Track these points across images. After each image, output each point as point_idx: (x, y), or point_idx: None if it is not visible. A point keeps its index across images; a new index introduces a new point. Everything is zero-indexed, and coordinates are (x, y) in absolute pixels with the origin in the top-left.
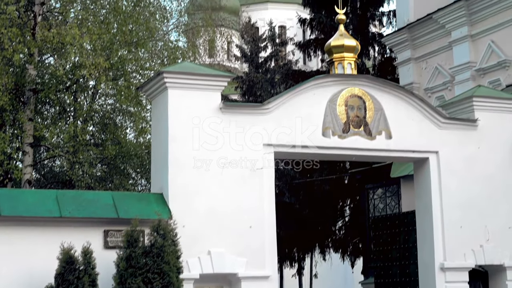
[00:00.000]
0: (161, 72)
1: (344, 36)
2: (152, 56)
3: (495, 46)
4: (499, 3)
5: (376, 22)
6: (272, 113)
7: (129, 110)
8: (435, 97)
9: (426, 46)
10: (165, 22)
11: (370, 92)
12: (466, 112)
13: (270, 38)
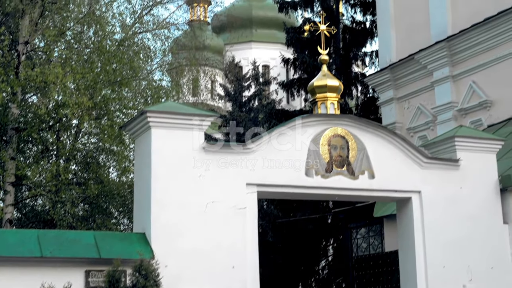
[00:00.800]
0: (145, 111)
1: (327, 76)
2: (136, 95)
3: (476, 87)
4: (480, 45)
5: (359, 62)
6: (255, 152)
7: (112, 149)
8: (417, 136)
9: (408, 86)
10: (149, 62)
11: (353, 132)
12: (448, 152)
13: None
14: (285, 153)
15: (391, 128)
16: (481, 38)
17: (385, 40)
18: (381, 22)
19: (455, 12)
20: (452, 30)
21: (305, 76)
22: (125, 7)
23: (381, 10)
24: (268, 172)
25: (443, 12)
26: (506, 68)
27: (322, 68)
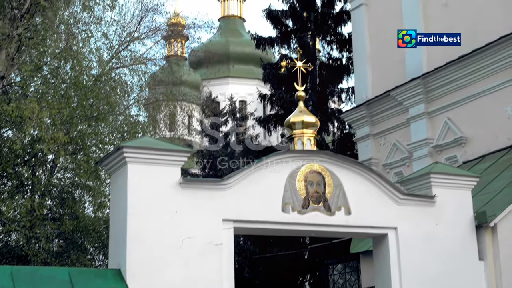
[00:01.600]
0: (121, 146)
1: (304, 112)
2: (112, 130)
3: (452, 124)
4: (455, 82)
5: (336, 98)
6: (231, 188)
7: (88, 185)
8: (393, 173)
9: (384, 122)
10: (126, 97)
11: (329, 168)
12: (424, 188)
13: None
14: (261, 189)
15: (368, 164)
16: (456, 75)
17: (361, 76)
18: (357, 59)
19: (430, 49)
20: (427, 68)
21: (282, 112)
22: (103, 43)
23: (357, 47)
24: (245, 208)
25: (418, 50)
26: (480, 105)
27: (299, 104)
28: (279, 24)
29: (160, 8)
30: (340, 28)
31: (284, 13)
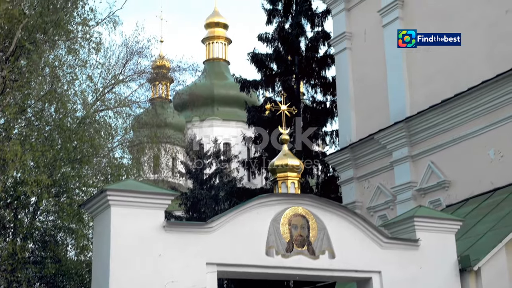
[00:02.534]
0: (104, 189)
1: (288, 156)
2: (96, 173)
3: (435, 167)
4: (438, 126)
5: (320, 141)
6: (215, 231)
7: (71, 227)
8: (377, 216)
9: (368, 165)
10: (110, 139)
11: (313, 212)
12: (408, 232)
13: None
14: (245, 232)
15: (351, 207)
16: (439, 119)
17: (345, 120)
18: (341, 102)
19: (413, 93)
20: (411, 111)
21: (266, 155)
22: (87, 85)
23: (341, 91)
24: (228, 251)
25: (402, 94)
26: (463, 149)
27: (283, 148)
28: (264, 67)
29: (145, 51)
30: (324, 72)
31: (268, 57)
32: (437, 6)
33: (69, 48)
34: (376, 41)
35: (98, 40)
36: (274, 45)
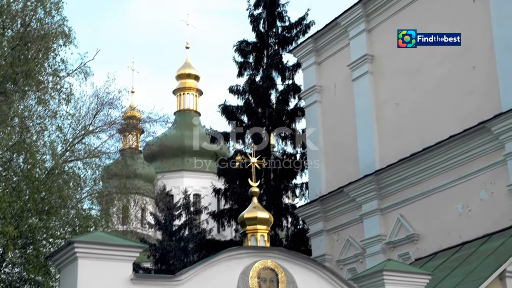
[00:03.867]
0: (72, 241)
1: (257, 208)
2: (64, 224)
3: (404, 220)
4: (407, 179)
5: (290, 193)
6: (184, 284)
7: (37, 280)
8: (347, 269)
9: (338, 218)
10: (78, 190)
11: (282, 265)
12: (377, 286)
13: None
14: (214, 285)
15: (321, 260)
16: (408, 173)
17: (314, 172)
18: (311, 155)
19: (383, 147)
20: (380, 165)
21: (236, 207)
22: (57, 136)
23: (311, 143)
24: None
25: (371, 147)
26: (432, 202)
27: (253, 200)
28: (234, 119)
29: (116, 102)
30: (295, 124)
31: (239, 109)
32: (406, 62)
33: (39, 98)
34: (346, 95)
35: (69, 90)
36: (245, 97)
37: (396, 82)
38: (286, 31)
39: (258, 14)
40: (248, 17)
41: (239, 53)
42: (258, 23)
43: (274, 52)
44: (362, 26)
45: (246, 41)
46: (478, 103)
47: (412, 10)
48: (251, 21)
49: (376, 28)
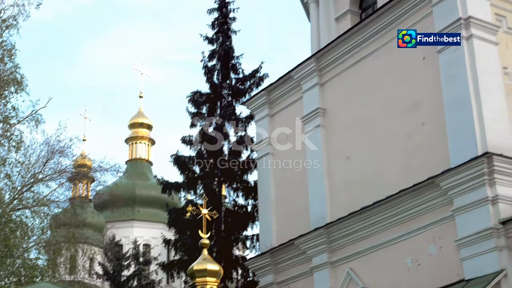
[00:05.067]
0: None
1: (207, 260)
2: (9, 274)
3: (354, 274)
4: (357, 233)
5: (240, 245)
6: None
7: None
8: None
9: (288, 271)
10: (26, 239)
11: None
12: None
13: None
14: None
15: None
16: (358, 226)
17: (265, 224)
18: (262, 206)
19: (334, 200)
20: (331, 218)
21: (186, 258)
22: (5, 183)
23: (263, 195)
24: None
25: (322, 200)
26: (382, 256)
27: (203, 252)
28: (186, 169)
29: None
30: (246, 176)
31: (191, 159)
32: (357, 116)
33: None
34: (298, 147)
35: (19, 138)
36: (197, 148)
37: (347, 135)
38: (240, 83)
39: (212, 66)
40: (202, 68)
41: (192, 104)
42: (212, 75)
43: (227, 103)
44: (315, 80)
45: (199, 92)
46: (427, 159)
47: (364, 65)
48: (205, 72)
49: (329, 82)
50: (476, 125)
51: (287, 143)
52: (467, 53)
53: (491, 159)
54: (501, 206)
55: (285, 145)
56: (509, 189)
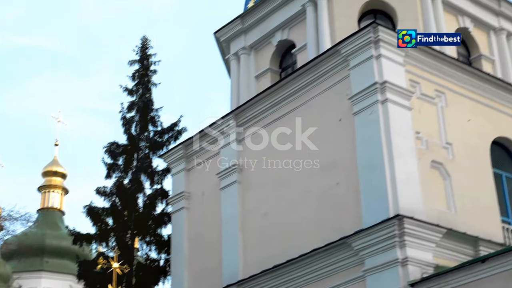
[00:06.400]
0: None
1: None
2: None
3: None
4: None
5: None
6: None
7: None
8: None
9: None
10: None
11: None
12: None
13: None
14: None
15: None
16: (270, 284)
17: (177, 279)
18: (175, 261)
19: (247, 257)
20: (243, 275)
21: None
22: None
23: (176, 250)
24: None
25: (235, 257)
26: None
27: None
28: (99, 221)
29: None
30: (160, 230)
31: (105, 211)
32: (273, 173)
33: None
34: (213, 203)
35: None
36: (112, 199)
37: (263, 192)
38: (158, 135)
39: (131, 117)
40: (121, 119)
41: (109, 155)
42: (130, 126)
43: (144, 155)
44: (233, 135)
45: (116, 143)
46: (340, 219)
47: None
48: (123, 123)
49: (247, 138)
50: (389, 187)
51: (203, 198)
52: (382, 117)
53: (402, 221)
54: (411, 268)
55: (201, 200)
56: (419, 251)
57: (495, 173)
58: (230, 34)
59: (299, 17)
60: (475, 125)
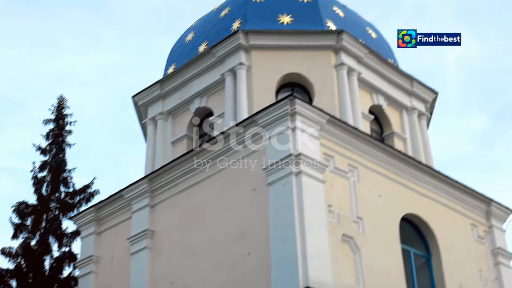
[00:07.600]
0: None
1: None
2: None
3: None
4: None
5: None
6: None
7: None
8: None
9: None
10: None
11: None
12: None
13: None
14: None
15: None
16: None
17: None
18: None
19: None
20: None
21: None
22: None
23: None
24: None
25: None
26: None
27: None
28: (2, 283)
29: None
30: None
31: (9, 272)
32: (185, 241)
33: None
34: (123, 268)
35: None
36: (17, 261)
37: (173, 260)
38: (69, 197)
39: (42, 177)
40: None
41: (16, 214)
42: (41, 186)
43: (54, 217)
44: (146, 201)
45: (26, 203)
46: None
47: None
48: (34, 183)
49: (160, 204)
50: (299, 259)
51: (112, 263)
52: (295, 188)
53: None
54: None
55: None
56: None
57: (403, 249)
58: (148, 99)
59: (218, 86)
60: (385, 201)
